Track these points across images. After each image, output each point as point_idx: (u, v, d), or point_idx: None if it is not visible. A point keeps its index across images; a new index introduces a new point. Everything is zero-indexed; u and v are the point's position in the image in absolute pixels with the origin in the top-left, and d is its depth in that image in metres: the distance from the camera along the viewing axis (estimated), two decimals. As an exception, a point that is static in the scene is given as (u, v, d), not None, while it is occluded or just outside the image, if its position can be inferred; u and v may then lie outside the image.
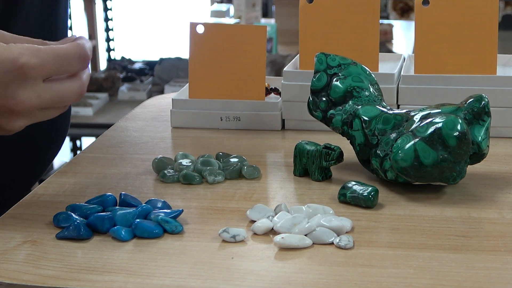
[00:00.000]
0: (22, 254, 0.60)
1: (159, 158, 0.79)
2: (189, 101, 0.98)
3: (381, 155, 0.73)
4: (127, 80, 3.79)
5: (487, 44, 0.93)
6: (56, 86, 0.67)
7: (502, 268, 0.58)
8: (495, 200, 0.71)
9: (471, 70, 0.93)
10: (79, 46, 0.69)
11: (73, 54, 0.68)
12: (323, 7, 0.96)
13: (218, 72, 0.97)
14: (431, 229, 0.65)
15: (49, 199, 0.72)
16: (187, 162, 0.78)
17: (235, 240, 0.62)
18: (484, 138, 0.73)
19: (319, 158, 0.75)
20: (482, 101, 0.74)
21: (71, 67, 0.68)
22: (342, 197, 0.71)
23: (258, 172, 0.77)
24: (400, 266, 0.58)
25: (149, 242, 0.62)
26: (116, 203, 0.69)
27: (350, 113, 0.77)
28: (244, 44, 0.96)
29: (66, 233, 0.63)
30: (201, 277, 0.56)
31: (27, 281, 0.56)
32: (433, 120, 0.70)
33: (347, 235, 0.62)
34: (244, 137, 0.93)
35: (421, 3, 0.94)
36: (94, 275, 0.57)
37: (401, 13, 4.54)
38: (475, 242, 0.62)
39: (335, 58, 0.80)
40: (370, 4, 0.95)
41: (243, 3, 3.76)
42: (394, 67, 0.99)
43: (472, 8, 0.93)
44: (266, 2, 4.72)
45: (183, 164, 0.78)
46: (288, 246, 0.61)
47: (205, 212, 0.69)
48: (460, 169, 0.71)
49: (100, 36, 4.39)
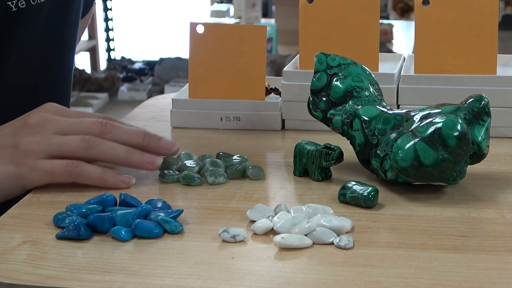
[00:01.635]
0: (22, 254, 0.60)
1: (164, 158, 0.79)
2: (189, 101, 0.98)
3: (381, 155, 0.73)
4: (127, 80, 3.78)
5: (487, 44, 0.93)
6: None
7: (502, 268, 0.58)
8: (495, 200, 0.71)
9: (471, 70, 0.93)
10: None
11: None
12: (323, 7, 0.96)
13: (218, 72, 0.97)
14: (431, 229, 0.65)
15: (49, 199, 0.72)
16: (192, 163, 0.78)
17: (235, 240, 0.62)
18: (484, 138, 0.73)
19: (319, 158, 0.75)
20: (482, 101, 0.74)
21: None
22: (342, 197, 0.71)
23: (262, 173, 0.77)
24: (400, 266, 0.58)
25: (149, 242, 0.62)
26: (116, 203, 0.69)
27: (350, 113, 0.77)
28: (244, 44, 0.96)
29: (66, 233, 0.63)
30: (201, 277, 0.56)
31: (27, 281, 0.56)
32: (433, 120, 0.70)
33: (347, 235, 0.62)
34: (244, 137, 0.93)
35: (421, 3, 0.94)
36: (94, 275, 0.57)
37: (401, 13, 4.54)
38: (475, 242, 0.62)
39: (335, 58, 0.80)
40: (370, 4, 0.95)
41: (243, 3, 3.76)
42: (394, 67, 0.99)
43: (472, 8, 0.93)
44: (266, 2, 4.72)
45: (187, 165, 0.78)
46: (288, 246, 0.61)
47: (205, 212, 0.69)
48: (460, 169, 0.71)
49: (100, 36, 4.39)
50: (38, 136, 0.73)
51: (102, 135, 0.74)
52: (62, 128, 0.74)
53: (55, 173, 0.72)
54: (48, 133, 0.73)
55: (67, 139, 0.73)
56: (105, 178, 0.72)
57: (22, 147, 0.72)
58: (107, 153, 0.73)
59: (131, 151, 0.74)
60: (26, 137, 0.72)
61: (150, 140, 0.76)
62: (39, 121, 0.73)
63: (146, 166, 0.74)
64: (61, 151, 0.72)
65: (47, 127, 0.73)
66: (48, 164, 0.72)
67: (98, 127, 0.74)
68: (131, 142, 0.75)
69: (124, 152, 0.74)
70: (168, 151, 0.76)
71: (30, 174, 0.72)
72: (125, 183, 0.73)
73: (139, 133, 0.75)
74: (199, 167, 0.77)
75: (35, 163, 0.72)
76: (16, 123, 0.75)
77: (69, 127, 0.74)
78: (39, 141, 0.72)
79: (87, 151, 0.73)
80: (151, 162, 0.74)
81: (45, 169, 0.72)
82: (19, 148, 0.72)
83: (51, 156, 0.72)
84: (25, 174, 0.72)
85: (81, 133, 0.74)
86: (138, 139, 0.75)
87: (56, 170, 0.72)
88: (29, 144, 0.72)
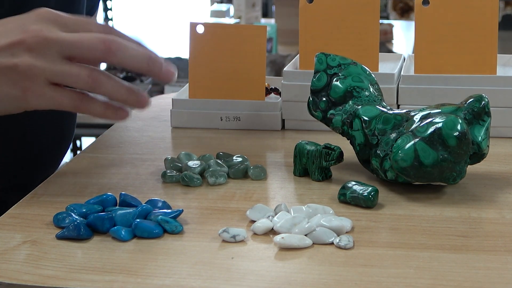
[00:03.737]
0: (22, 254, 0.60)
1: (171, 158, 0.79)
2: (189, 101, 0.98)
3: (381, 155, 0.73)
4: (127, 80, 3.79)
5: (487, 44, 0.93)
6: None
7: (502, 268, 0.58)
8: (495, 200, 0.71)
9: (471, 70, 0.93)
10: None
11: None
12: (323, 7, 0.96)
13: (218, 72, 0.97)
14: (431, 229, 0.65)
15: (49, 199, 0.72)
16: (195, 164, 0.78)
17: (235, 240, 0.62)
18: (484, 138, 0.73)
19: (319, 158, 0.75)
20: (482, 101, 0.74)
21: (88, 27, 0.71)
22: (342, 197, 0.71)
23: (264, 173, 0.77)
24: (400, 266, 0.58)
25: (149, 242, 0.62)
26: (116, 203, 0.69)
27: (350, 113, 0.77)
28: (244, 44, 0.96)
29: (66, 233, 0.63)
30: (201, 277, 0.56)
31: (27, 281, 0.56)
32: (433, 120, 0.70)
33: (347, 235, 0.62)
34: (244, 137, 0.93)
35: (421, 3, 0.94)
36: (94, 275, 0.57)
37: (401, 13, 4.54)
38: (475, 242, 0.62)
39: (335, 58, 0.80)
40: (370, 4, 0.95)
41: (243, 3, 3.76)
42: (394, 67, 0.99)
43: (472, 8, 0.93)
44: (266, 2, 4.72)
45: (190, 166, 0.77)
46: (288, 246, 0.61)
47: (205, 212, 0.69)
48: (460, 169, 0.71)
49: (100, 36, 4.37)
50: (40, 60, 0.69)
51: (107, 58, 0.70)
52: (65, 50, 0.70)
53: (63, 104, 0.70)
54: (50, 56, 0.69)
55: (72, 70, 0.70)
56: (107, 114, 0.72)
57: (24, 71, 0.69)
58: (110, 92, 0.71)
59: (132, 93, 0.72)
60: (26, 58, 0.69)
61: (154, 66, 0.72)
62: (38, 42, 0.69)
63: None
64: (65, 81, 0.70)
65: (48, 49, 0.69)
66: (57, 94, 0.70)
67: (102, 46, 0.70)
68: (135, 66, 0.72)
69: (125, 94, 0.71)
70: (167, 78, 0.73)
71: (36, 99, 0.69)
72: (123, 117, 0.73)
73: (144, 57, 0.72)
74: (202, 168, 0.77)
75: (42, 89, 0.69)
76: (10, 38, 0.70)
77: (71, 48, 0.70)
78: (42, 66, 0.69)
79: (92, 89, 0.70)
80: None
81: (53, 98, 0.70)
82: (19, 71, 0.69)
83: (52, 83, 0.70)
84: (29, 99, 0.69)
85: (84, 54, 0.70)
86: (142, 64, 0.72)
87: (65, 102, 0.70)
88: (32, 68, 0.69)
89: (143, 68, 0.71)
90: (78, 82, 0.69)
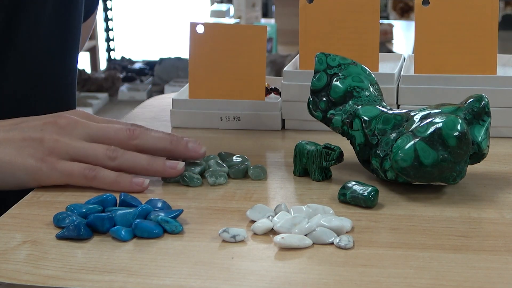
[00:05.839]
0: (22, 254, 0.60)
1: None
2: (189, 101, 0.98)
3: (381, 155, 0.73)
4: (127, 80, 3.78)
5: (487, 44, 0.93)
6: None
7: (502, 268, 0.58)
8: (495, 200, 0.71)
9: (471, 70, 0.93)
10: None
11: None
12: (323, 7, 0.96)
13: (218, 72, 0.97)
14: (431, 229, 0.65)
15: (49, 199, 0.72)
16: (195, 164, 0.78)
17: (235, 240, 0.62)
18: (484, 138, 0.73)
19: (319, 158, 0.75)
20: (482, 101, 0.74)
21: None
22: (342, 197, 0.71)
23: (264, 173, 0.77)
24: (400, 266, 0.58)
25: (149, 242, 0.62)
26: (116, 203, 0.69)
27: (350, 113, 0.77)
28: (244, 44, 0.96)
29: (66, 233, 0.63)
30: (201, 277, 0.56)
31: (27, 281, 0.56)
32: (433, 120, 0.70)
33: (347, 235, 0.62)
34: (244, 137, 0.93)
35: (421, 3, 0.94)
36: (94, 275, 0.57)
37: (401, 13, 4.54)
38: (475, 242, 0.62)
39: (335, 58, 0.80)
40: (370, 4, 0.95)
41: (243, 3, 3.76)
42: (394, 67, 0.99)
43: (472, 8, 0.93)
44: (266, 2, 4.72)
45: (190, 166, 0.77)
46: (288, 246, 0.61)
47: (205, 212, 0.69)
48: (460, 169, 0.71)
49: (100, 36, 4.39)
50: (66, 137, 0.74)
51: (130, 141, 0.75)
52: (91, 132, 0.75)
53: (73, 176, 0.73)
54: (76, 136, 0.74)
55: (93, 146, 0.74)
56: (119, 181, 0.73)
57: (48, 144, 0.73)
58: (130, 162, 0.74)
59: (154, 159, 0.75)
60: (53, 135, 0.73)
61: (178, 144, 0.76)
62: (69, 122, 0.75)
63: (168, 172, 0.75)
64: (85, 157, 0.74)
65: (76, 129, 0.74)
66: (68, 165, 0.73)
67: (126, 132, 0.75)
68: (159, 147, 0.76)
69: (146, 160, 0.74)
70: (196, 154, 0.77)
71: (49, 172, 0.72)
72: (138, 185, 0.73)
73: (167, 138, 0.76)
74: (202, 168, 0.77)
75: (57, 162, 0.73)
76: (45, 119, 0.75)
77: (98, 132, 0.75)
78: (66, 142, 0.73)
79: (111, 161, 0.74)
80: (173, 167, 0.75)
81: (65, 170, 0.73)
82: (44, 144, 0.73)
83: (73, 159, 0.73)
84: (44, 171, 0.72)
85: (109, 137, 0.75)
86: (165, 144, 0.76)
87: (75, 173, 0.73)
88: (56, 142, 0.73)
89: (167, 148, 0.76)
90: (98, 157, 0.74)
